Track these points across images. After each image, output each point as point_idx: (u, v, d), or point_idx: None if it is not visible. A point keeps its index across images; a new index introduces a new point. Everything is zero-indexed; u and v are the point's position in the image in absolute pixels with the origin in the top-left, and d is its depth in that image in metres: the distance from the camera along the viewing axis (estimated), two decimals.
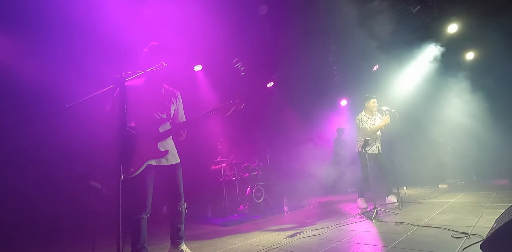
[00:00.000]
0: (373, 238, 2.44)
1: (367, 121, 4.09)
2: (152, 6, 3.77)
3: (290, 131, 7.14)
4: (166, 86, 2.39)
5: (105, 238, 1.61)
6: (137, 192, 2.08)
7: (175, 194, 2.27)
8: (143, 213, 2.09)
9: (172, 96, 2.38)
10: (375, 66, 6.94)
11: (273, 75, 6.94)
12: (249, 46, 5.22)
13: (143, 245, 2.09)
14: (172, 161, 2.28)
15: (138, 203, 2.08)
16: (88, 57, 4.08)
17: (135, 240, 2.07)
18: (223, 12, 4.25)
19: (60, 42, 3.99)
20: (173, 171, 2.28)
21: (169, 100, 2.33)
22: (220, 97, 5.78)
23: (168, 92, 2.37)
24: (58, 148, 3.98)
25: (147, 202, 2.12)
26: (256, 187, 4.75)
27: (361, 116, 4.14)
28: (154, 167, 2.18)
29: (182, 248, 2.28)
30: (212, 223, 4.22)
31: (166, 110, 2.28)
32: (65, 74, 4.05)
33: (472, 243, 1.92)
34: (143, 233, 2.09)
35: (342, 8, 4.39)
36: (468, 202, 3.62)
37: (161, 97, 2.29)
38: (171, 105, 2.32)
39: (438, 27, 5.34)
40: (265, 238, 2.86)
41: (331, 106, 8.03)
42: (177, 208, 2.26)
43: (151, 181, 2.16)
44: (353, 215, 3.51)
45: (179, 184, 2.30)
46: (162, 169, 2.23)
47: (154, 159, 2.17)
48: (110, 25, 3.71)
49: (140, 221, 2.09)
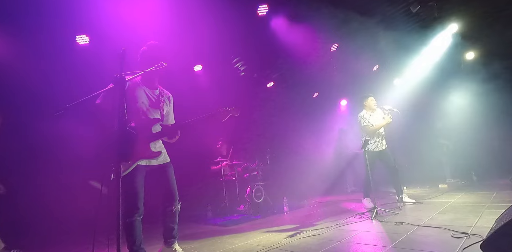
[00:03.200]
0: (373, 238, 2.44)
1: (369, 119, 4.10)
2: (152, 6, 3.77)
3: (290, 131, 7.13)
4: (160, 87, 2.38)
5: (105, 238, 1.61)
6: (128, 194, 2.02)
7: (170, 194, 2.24)
8: (135, 215, 2.04)
9: (166, 97, 2.37)
10: (375, 66, 6.95)
11: (273, 75, 6.94)
12: (249, 46, 5.21)
13: (139, 246, 2.07)
14: (162, 160, 2.25)
15: (129, 205, 2.03)
16: (88, 57, 4.08)
17: (131, 242, 2.04)
18: (222, 12, 4.25)
19: (60, 42, 4.00)
20: (165, 170, 2.25)
21: (163, 101, 2.31)
22: (220, 97, 5.78)
23: (162, 93, 2.35)
24: (58, 148, 3.98)
25: (139, 203, 2.06)
26: (256, 187, 4.75)
27: (362, 114, 4.16)
28: (144, 167, 2.14)
29: (175, 248, 2.26)
30: (212, 223, 4.23)
31: (160, 111, 2.26)
32: (65, 74, 4.06)
33: (472, 243, 1.92)
34: (138, 235, 2.06)
35: (342, 8, 4.40)
36: (468, 202, 3.62)
37: (156, 97, 2.27)
38: (164, 106, 2.31)
39: (438, 27, 5.34)
40: (265, 238, 2.86)
41: (331, 106, 8.03)
42: (171, 208, 2.23)
43: (141, 182, 2.10)
44: (353, 215, 3.51)
45: (173, 184, 2.26)
46: (153, 168, 2.20)
47: (145, 159, 2.13)
48: (110, 25, 3.71)
49: (134, 223, 2.04)
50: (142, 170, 2.13)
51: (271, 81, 7.00)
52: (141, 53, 2.23)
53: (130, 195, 2.04)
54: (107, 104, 2.00)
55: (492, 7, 4.80)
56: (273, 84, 7.04)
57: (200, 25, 4.37)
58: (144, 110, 2.19)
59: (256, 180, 4.98)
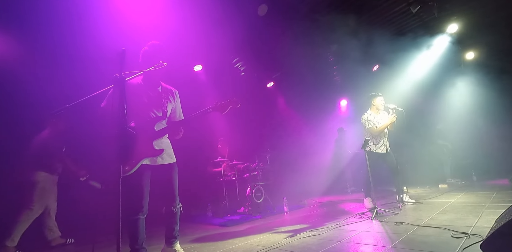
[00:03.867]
0: (373, 238, 2.44)
1: (373, 120, 4.03)
2: (152, 6, 3.77)
3: (290, 131, 7.14)
4: (164, 84, 2.37)
5: (105, 238, 1.61)
6: (133, 193, 2.06)
7: (170, 195, 2.25)
8: (139, 213, 2.07)
9: (170, 94, 2.35)
10: (375, 66, 6.94)
11: (273, 75, 6.94)
12: (249, 46, 5.21)
13: (141, 245, 2.09)
14: (168, 160, 2.25)
15: (134, 204, 2.06)
16: (87, 58, 4.08)
17: (134, 241, 2.06)
18: (223, 12, 4.25)
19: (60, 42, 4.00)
20: (169, 171, 2.25)
21: (166, 98, 2.30)
22: (220, 97, 5.77)
23: (165, 90, 2.35)
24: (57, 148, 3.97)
25: (143, 202, 2.09)
26: (256, 187, 4.75)
27: (367, 116, 4.07)
28: (149, 166, 2.15)
29: (175, 248, 2.27)
30: (212, 223, 4.22)
31: (162, 109, 2.25)
32: (65, 74, 4.05)
33: (472, 243, 1.92)
34: (141, 234, 2.08)
35: (342, 8, 4.40)
36: (468, 202, 3.61)
37: (158, 95, 2.27)
38: (167, 103, 2.30)
39: (438, 27, 5.34)
40: (265, 238, 2.86)
41: (331, 106, 8.03)
42: (172, 209, 2.24)
43: (146, 181, 2.13)
44: (353, 215, 3.51)
45: (174, 185, 2.27)
46: (157, 168, 2.21)
47: (148, 158, 2.14)
48: (110, 25, 3.71)
49: (137, 221, 2.07)
50: (147, 169, 2.14)
51: (271, 81, 7.00)
52: (142, 53, 2.23)
53: (135, 194, 2.06)
54: (115, 109, 2.01)
55: (492, 7, 4.80)
56: (273, 84, 7.04)
57: (201, 25, 4.37)
58: (146, 110, 2.20)
59: (256, 180, 4.98)
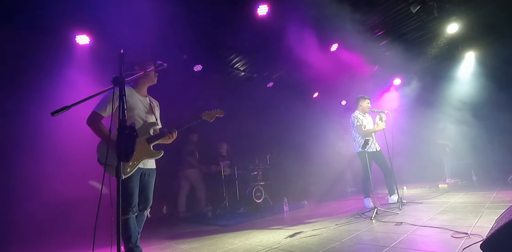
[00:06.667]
0: (373, 238, 2.44)
1: (363, 119, 4.22)
2: (152, 6, 3.76)
3: (290, 131, 7.13)
4: (149, 95, 2.55)
5: (105, 238, 1.61)
6: (124, 192, 2.10)
7: (148, 199, 2.33)
8: (130, 212, 2.13)
9: (155, 104, 2.57)
10: (375, 66, 6.94)
11: (273, 75, 6.93)
12: (249, 46, 5.21)
13: (135, 244, 2.13)
14: (153, 166, 2.39)
15: (124, 203, 2.10)
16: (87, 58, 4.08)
17: (127, 240, 2.11)
18: (222, 12, 4.25)
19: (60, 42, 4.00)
20: (152, 176, 2.38)
21: (153, 106, 2.50)
22: (220, 97, 5.77)
23: (151, 100, 2.54)
24: (58, 147, 3.98)
25: (134, 201, 2.17)
26: (256, 187, 4.75)
27: (356, 114, 4.26)
28: (140, 169, 2.25)
29: None
30: (212, 223, 4.22)
31: (154, 115, 2.45)
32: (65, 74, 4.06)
33: (472, 243, 1.91)
34: (133, 232, 2.14)
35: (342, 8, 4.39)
36: (468, 202, 3.61)
37: (149, 103, 2.47)
38: (155, 111, 2.50)
39: (438, 27, 5.33)
40: (265, 238, 2.86)
41: (331, 106, 8.02)
42: (143, 213, 2.32)
43: (137, 182, 2.22)
44: (353, 215, 3.51)
45: (152, 189, 2.38)
46: (145, 171, 2.31)
47: (147, 158, 2.26)
48: (110, 25, 3.71)
49: (128, 220, 2.12)
50: (138, 171, 2.23)
51: (271, 81, 6.99)
52: (136, 64, 2.36)
53: (127, 193, 2.12)
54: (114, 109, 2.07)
55: (493, 7, 4.80)
56: (273, 84, 7.03)
57: (200, 25, 4.37)
58: (141, 115, 2.34)
59: (256, 180, 4.98)
